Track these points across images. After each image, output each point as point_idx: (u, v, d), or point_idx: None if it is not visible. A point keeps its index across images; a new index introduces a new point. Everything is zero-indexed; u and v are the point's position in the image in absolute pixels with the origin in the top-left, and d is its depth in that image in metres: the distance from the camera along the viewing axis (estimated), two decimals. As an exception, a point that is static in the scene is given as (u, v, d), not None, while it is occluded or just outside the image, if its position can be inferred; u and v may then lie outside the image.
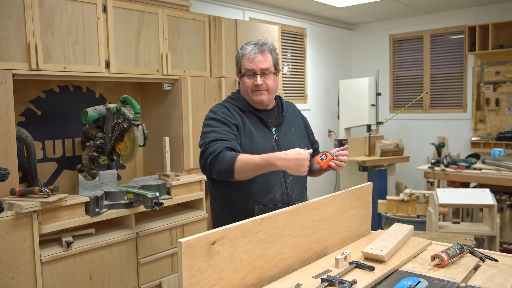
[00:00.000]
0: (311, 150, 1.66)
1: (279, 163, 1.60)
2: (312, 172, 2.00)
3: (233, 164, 1.63)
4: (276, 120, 1.94)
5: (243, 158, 1.64)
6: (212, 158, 1.68)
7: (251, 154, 1.68)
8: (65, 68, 2.51)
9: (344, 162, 1.79)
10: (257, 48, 1.86)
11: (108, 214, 2.58)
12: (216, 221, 1.94)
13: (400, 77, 6.00)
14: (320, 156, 1.76)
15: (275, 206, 1.79)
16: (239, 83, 1.96)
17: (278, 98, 2.02)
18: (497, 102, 5.08)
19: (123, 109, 2.64)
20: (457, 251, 1.56)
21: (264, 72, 1.85)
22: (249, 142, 1.82)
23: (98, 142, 2.74)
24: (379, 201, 4.25)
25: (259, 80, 1.84)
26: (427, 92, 1.73)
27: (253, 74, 1.85)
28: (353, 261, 1.52)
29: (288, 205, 1.80)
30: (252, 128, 1.86)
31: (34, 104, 2.82)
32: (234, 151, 1.71)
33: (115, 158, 2.82)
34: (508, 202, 4.35)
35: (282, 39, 5.02)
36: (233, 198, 1.83)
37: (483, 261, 1.57)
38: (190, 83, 3.13)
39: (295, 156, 1.59)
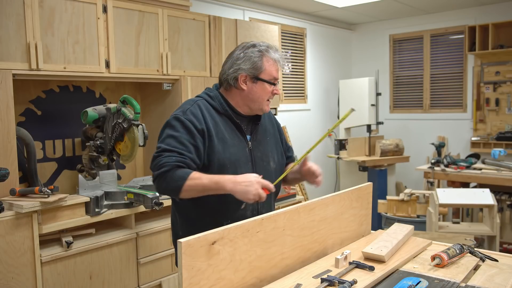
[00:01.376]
0: (263, 180, 1.60)
1: (228, 187, 1.55)
2: (286, 181, 1.94)
3: (181, 185, 1.56)
4: (251, 128, 1.81)
5: (194, 178, 1.57)
6: (160, 173, 1.59)
7: (201, 173, 1.60)
8: (65, 68, 2.51)
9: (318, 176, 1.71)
10: (282, 57, 1.78)
11: (108, 214, 2.58)
12: (176, 232, 1.82)
13: (400, 77, 6.00)
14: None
15: None
16: (233, 85, 1.75)
17: None
18: (497, 102, 5.08)
19: (123, 109, 2.64)
20: (457, 251, 1.56)
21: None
22: (221, 150, 1.69)
23: (98, 142, 2.74)
24: (379, 201, 4.24)
25: (279, 90, 1.78)
26: (352, 109, 1.63)
27: (273, 82, 1.76)
28: (353, 261, 1.52)
29: None
30: (226, 135, 1.72)
31: (34, 104, 2.82)
32: (188, 167, 1.61)
33: (115, 158, 2.82)
34: (508, 202, 4.34)
35: (282, 39, 5.02)
36: (203, 210, 1.72)
37: (483, 261, 1.57)
38: (190, 83, 3.13)
39: (244, 181, 1.55)
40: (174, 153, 1.62)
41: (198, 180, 1.57)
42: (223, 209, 1.71)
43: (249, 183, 1.54)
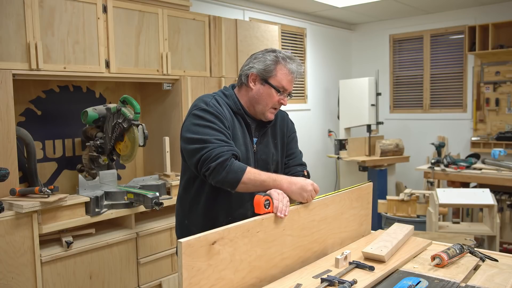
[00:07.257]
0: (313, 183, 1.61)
1: (284, 186, 1.55)
2: None
3: (241, 177, 1.53)
4: (260, 130, 1.81)
5: (252, 172, 1.55)
6: (218, 164, 1.52)
7: (255, 169, 1.59)
8: (65, 68, 2.51)
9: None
10: (299, 70, 1.77)
11: (108, 214, 2.58)
12: (183, 218, 1.81)
13: (400, 77, 6.00)
14: (265, 201, 1.46)
15: None
16: (244, 82, 1.76)
17: None
18: (497, 102, 5.08)
19: (123, 109, 2.64)
20: (457, 251, 1.56)
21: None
22: None
23: (98, 142, 2.74)
24: (379, 201, 4.24)
25: (286, 101, 1.78)
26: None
27: (282, 92, 1.75)
28: (353, 261, 1.52)
29: None
30: (238, 134, 1.71)
31: (34, 104, 2.82)
32: (237, 158, 1.60)
33: (115, 158, 2.82)
34: (508, 202, 4.35)
35: (282, 39, 5.02)
36: (206, 203, 1.72)
37: (483, 261, 1.57)
38: (190, 83, 3.13)
39: (299, 182, 1.57)
40: (220, 142, 1.58)
41: (257, 174, 1.56)
42: (226, 206, 1.71)
43: (304, 184, 1.57)
